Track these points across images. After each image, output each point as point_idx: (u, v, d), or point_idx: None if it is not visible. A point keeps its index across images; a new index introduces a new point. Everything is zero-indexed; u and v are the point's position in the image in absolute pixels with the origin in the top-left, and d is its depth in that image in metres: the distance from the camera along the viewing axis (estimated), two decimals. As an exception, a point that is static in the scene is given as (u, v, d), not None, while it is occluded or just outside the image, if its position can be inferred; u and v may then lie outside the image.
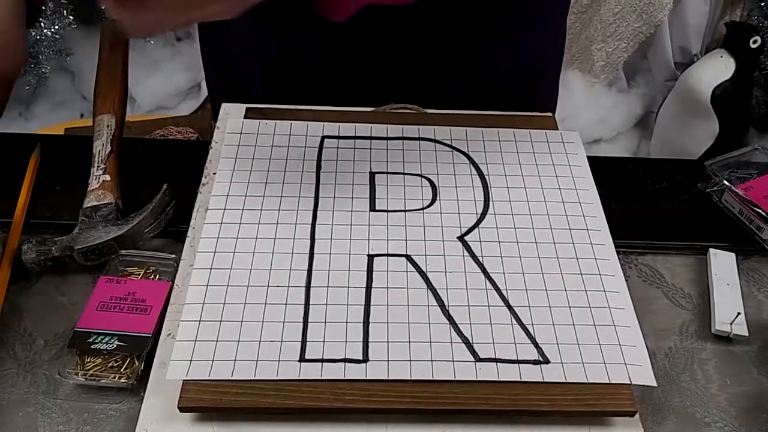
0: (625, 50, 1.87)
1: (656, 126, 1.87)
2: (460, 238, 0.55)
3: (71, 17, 1.74)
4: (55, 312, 0.55)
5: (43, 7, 0.46)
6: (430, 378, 0.47)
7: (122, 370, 0.50)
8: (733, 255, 0.62)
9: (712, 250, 0.62)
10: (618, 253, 0.57)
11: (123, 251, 0.57)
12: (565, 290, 0.52)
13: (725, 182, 0.65)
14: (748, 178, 0.66)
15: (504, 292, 0.52)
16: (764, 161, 0.68)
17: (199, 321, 0.49)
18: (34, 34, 1.71)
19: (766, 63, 1.75)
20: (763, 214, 0.62)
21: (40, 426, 0.49)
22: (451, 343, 0.49)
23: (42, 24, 1.72)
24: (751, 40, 1.65)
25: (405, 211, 0.57)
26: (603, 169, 0.65)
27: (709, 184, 0.67)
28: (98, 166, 0.62)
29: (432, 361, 0.48)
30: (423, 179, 0.60)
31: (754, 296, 0.61)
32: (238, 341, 0.48)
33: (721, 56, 1.70)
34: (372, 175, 0.60)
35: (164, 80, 1.95)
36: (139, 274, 0.56)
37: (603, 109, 1.88)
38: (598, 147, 1.88)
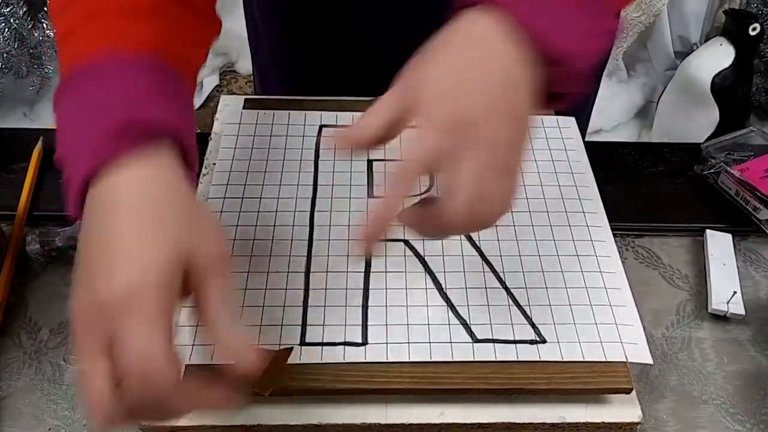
0: (625, 40, 1.87)
1: (657, 115, 1.87)
2: (458, 223, 0.56)
3: (73, 18, 1.75)
4: (59, 301, 0.56)
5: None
6: (429, 359, 0.47)
7: (126, 356, 0.51)
8: (729, 236, 0.63)
9: (708, 231, 0.63)
10: (615, 235, 0.57)
11: (125, 241, 0.58)
12: (562, 271, 0.53)
13: (722, 164, 0.66)
14: (745, 160, 0.66)
15: (501, 275, 0.52)
16: (760, 143, 0.69)
17: (201, 307, 0.50)
18: (36, 35, 1.73)
19: (765, 50, 1.75)
20: (759, 194, 0.62)
21: (46, 412, 0.50)
22: (449, 324, 0.49)
23: (44, 25, 1.73)
24: (750, 28, 1.65)
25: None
26: (600, 153, 0.65)
27: (705, 167, 0.67)
28: (100, 159, 0.63)
29: (430, 342, 0.48)
30: (420, 166, 0.61)
31: (752, 276, 0.61)
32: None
33: (721, 44, 1.70)
34: (370, 162, 0.61)
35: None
36: (141, 263, 0.57)
37: (603, 100, 1.88)
38: (599, 137, 1.88)
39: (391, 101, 0.41)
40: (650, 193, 0.68)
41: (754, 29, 1.65)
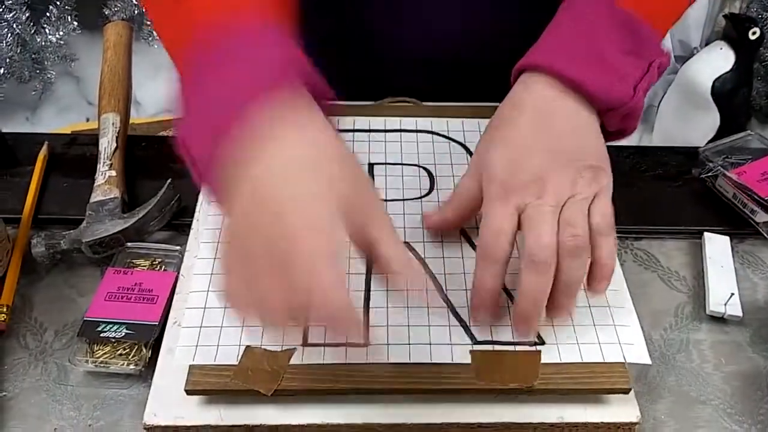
0: (625, 44, 1.87)
1: (657, 119, 1.87)
2: (458, 225, 0.57)
3: (75, 23, 1.77)
4: (64, 303, 0.57)
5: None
6: (429, 361, 0.48)
7: (130, 357, 0.52)
8: (727, 238, 0.63)
9: (706, 234, 0.63)
10: (613, 238, 0.57)
11: (129, 243, 0.59)
12: (561, 273, 0.53)
13: (719, 167, 0.66)
14: (742, 164, 0.67)
15: (501, 277, 0.53)
16: (757, 146, 0.69)
17: (204, 308, 0.50)
18: (39, 40, 1.74)
19: (765, 54, 1.75)
20: (757, 197, 0.63)
21: (51, 412, 0.50)
22: (449, 326, 0.50)
23: (46, 30, 1.74)
24: (750, 32, 1.65)
25: (403, 200, 0.59)
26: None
27: (703, 170, 0.68)
28: (104, 163, 0.63)
29: (430, 344, 0.49)
30: (421, 169, 0.61)
31: (749, 278, 0.62)
32: (242, 326, 0.49)
33: (721, 48, 1.70)
34: (371, 166, 0.61)
35: (169, 83, 1.97)
36: (145, 266, 0.58)
37: (604, 104, 1.88)
38: (600, 141, 1.89)
39: (466, 182, 0.51)
40: (649, 196, 0.68)
41: (754, 33, 1.66)
